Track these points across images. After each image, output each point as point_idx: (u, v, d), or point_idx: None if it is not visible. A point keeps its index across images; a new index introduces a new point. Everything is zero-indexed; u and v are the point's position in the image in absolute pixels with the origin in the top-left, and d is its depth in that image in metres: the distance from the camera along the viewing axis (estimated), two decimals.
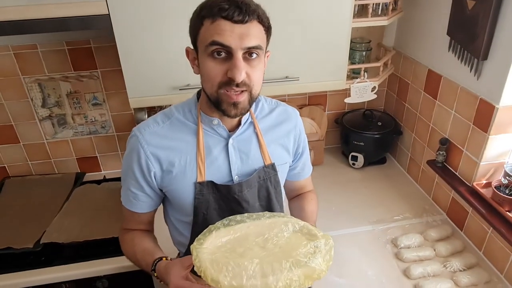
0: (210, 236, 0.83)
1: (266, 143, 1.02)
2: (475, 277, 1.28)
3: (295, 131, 1.09)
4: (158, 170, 0.95)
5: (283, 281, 0.77)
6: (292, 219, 0.91)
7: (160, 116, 0.99)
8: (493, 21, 1.20)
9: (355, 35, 1.77)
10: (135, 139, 0.95)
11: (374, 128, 1.85)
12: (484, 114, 1.30)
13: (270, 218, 0.90)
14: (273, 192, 1.05)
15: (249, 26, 0.81)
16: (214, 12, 0.79)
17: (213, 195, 0.97)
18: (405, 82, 1.80)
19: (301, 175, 1.19)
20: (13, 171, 1.86)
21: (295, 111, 1.11)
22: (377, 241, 1.47)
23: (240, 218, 0.88)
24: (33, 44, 1.59)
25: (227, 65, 0.83)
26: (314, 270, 0.80)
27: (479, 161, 1.35)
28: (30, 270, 1.38)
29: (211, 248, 0.81)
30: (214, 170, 0.97)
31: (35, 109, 1.72)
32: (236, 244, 0.83)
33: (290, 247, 0.83)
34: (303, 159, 1.16)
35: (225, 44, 0.80)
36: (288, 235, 0.87)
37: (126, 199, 1.02)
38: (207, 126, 0.97)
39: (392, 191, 1.76)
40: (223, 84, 0.84)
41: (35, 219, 1.58)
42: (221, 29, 0.79)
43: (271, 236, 0.85)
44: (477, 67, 1.30)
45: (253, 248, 0.82)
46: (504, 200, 1.27)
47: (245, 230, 0.86)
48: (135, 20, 1.27)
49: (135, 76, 1.37)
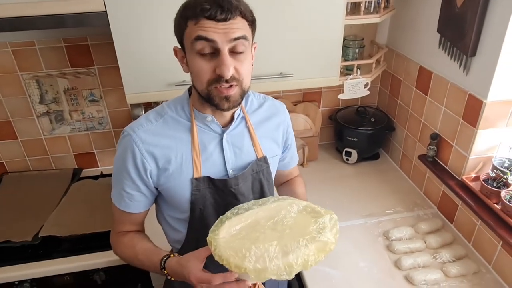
0: (223, 226, 0.85)
1: (258, 137, 1.05)
2: (464, 268, 1.31)
3: (284, 124, 1.12)
4: (154, 169, 0.96)
5: (301, 258, 0.81)
6: (295, 200, 0.95)
7: (152, 114, 0.99)
8: (480, 18, 1.23)
9: (348, 32, 1.80)
10: (129, 139, 0.95)
11: (367, 124, 1.88)
12: (472, 109, 1.33)
13: (275, 202, 0.93)
14: (266, 184, 1.08)
15: (232, 22, 0.82)
16: (197, 13, 0.81)
17: (209, 190, 0.99)
18: (397, 79, 1.83)
19: (289, 164, 1.25)
20: (11, 167, 1.88)
21: (283, 105, 1.15)
22: (369, 234, 1.50)
23: (247, 206, 0.91)
24: (31, 41, 1.61)
25: (214, 62, 0.84)
26: (326, 243, 0.85)
27: (468, 155, 1.38)
28: (28, 263, 1.40)
29: (227, 237, 0.84)
30: (209, 165, 0.99)
31: (32, 105, 1.74)
32: (249, 230, 0.86)
33: (299, 226, 0.88)
34: (291, 150, 1.22)
35: (210, 38, 0.81)
36: (295, 215, 0.91)
37: (120, 201, 1.00)
38: (201, 122, 0.98)
39: (384, 185, 1.79)
40: (213, 81, 0.86)
41: (33, 213, 1.61)
42: (206, 28, 0.81)
43: (280, 218, 0.89)
44: (466, 64, 1.34)
45: (266, 231, 0.86)
46: (492, 193, 1.30)
47: (254, 216, 0.89)
48: (132, 17, 1.30)
49: (132, 73, 1.39)
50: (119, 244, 1.06)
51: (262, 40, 1.41)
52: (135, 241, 1.03)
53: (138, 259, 1.00)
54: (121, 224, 1.06)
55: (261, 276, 0.80)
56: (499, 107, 1.28)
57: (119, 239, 1.06)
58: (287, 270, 0.80)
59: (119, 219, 1.05)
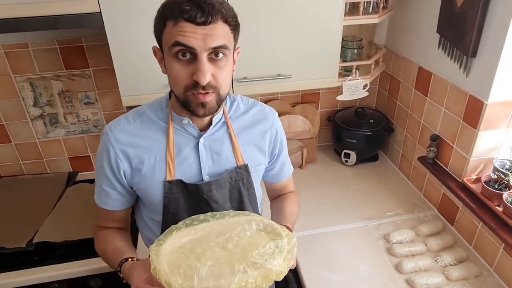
0: (170, 236, 0.82)
1: (240, 144, 1.01)
2: (466, 271, 1.30)
3: (271, 131, 1.07)
4: (127, 168, 0.95)
5: (236, 284, 0.75)
6: (257, 218, 0.90)
7: (132, 114, 0.98)
8: (481, 18, 1.22)
9: (347, 33, 1.78)
10: (106, 137, 0.95)
11: (366, 126, 1.86)
12: (473, 111, 1.32)
13: (234, 217, 0.89)
14: (246, 193, 1.04)
15: (213, 27, 0.79)
16: (176, 14, 0.78)
17: (182, 194, 0.97)
18: (396, 80, 1.82)
19: (280, 176, 1.18)
20: (4, 171, 1.85)
21: (273, 111, 1.10)
22: (369, 237, 1.49)
23: (203, 217, 0.88)
24: (24, 43, 1.58)
25: (192, 67, 0.82)
26: (272, 271, 0.78)
27: (469, 156, 1.37)
28: (22, 270, 1.37)
29: (169, 249, 0.80)
30: (184, 169, 0.96)
31: (26, 108, 1.71)
32: (195, 245, 0.82)
33: (252, 246, 0.82)
34: (281, 160, 1.14)
35: (188, 45, 0.79)
36: (251, 234, 0.85)
37: (99, 197, 1.02)
38: (178, 125, 0.96)
39: (384, 187, 1.78)
40: (190, 87, 0.84)
41: (27, 218, 1.58)
42: (184, 31, 0.78)
43: (232, 235, 0.84)
44: (466, 64, 1.32)
45: (213, 248, 0.81)
46: (493, 195, 1.29)
47: (207, 230, 0.85)
48: (127, 18, 1.27)
49: (127, 75, 1.37)
50: (96, 238, 1.07)
51: (260, 42, 1.40)
52: (108, 238, 1.03)
53: (107, 257, 1.01)
54: (102, 219, 1.07)
55: None
56: (500, 108, 1.27)
57: (97, 234, 1.07)
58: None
59: (100, 214, 1.06)
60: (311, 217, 1.59)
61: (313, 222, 1.56)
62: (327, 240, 1.48)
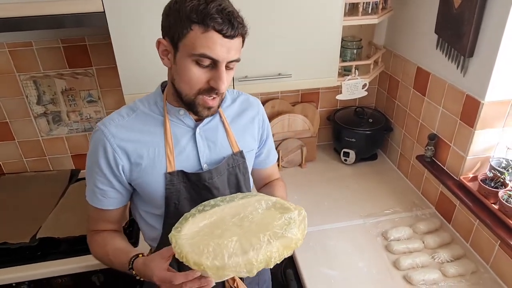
0: (187, 223, 0.84)
1: (233, 131, 1.05)
2: (462, 268, 1.32)
3: (258, 117, 1.12)
4: (126, 164, 0.95)
5: (263, 254, 0.80)
6: (265, 197, 0.94)
7: (125, 109, 0.99)
8: (478, 19, 1.24)
9: (347, 33, 1.80)
10: (100, 133, 0.94)
11: (365, 125, 1.88)
12: (470, 110, 1.34)
13: (243, 198, 0.92)
14: (242, 178, 1.08)
15: (235, 41, 0.84)
16: (207, 22, 0.80)
17: (183, 184, 0.99)
18: (395, 80, 1.84)
19: (266, 162, 1.22)
20: (8, 168, 1.87)
21: (256, 99, 1.15)
22: (368, 234, 1.51)
23: (214, 203, 0.90)
24: (28, 42, 1.60)
25: (210, 74, 0.86)
26: (291, 240, 0.84)
27: (466, 155, 1.39)
28: (26, 265, 1.39)
29: (189, 234, 0.82)
30: (183, 159, 0.99)
31: (30, 106, 1.74)
32: (213, 227, 0.85)
33: (266, 222, 0.86)
34: (268, 146, 1.20)
35: (214, 58, 0.83)
36: (262, 211, 0.90)
37: (93, 197, 1.00)
38: (173, 117, 0.98)
39: (382, 186, 1.80)
40: (204, 91, 0.88)
41: (30, 215, 1.60)
42: (213, 43, 0.82)
43: (246, 214, 0.88)
44: (464, 64, 1.34)
45: (230, 228, 0.85)
46: (489, 193, 1.31)
47: (220, 213, 0.88)
48: (130, 17, 1.29)
49: (130, 73, 1.39)
50: (92, 243, 1.06)
51: (260, 41, 1.42)
52: (106, 240, 1.03)
53: (109, 259, 1.00)
54: (96, 223, 1.06)
55: (220, 273, 0.78)
56: (496, 108, 1.29)
57: (93, 238, 1.06)
58: (247, 267, 0.79)
59: (94, 217, 1.05)
60: (310, 215, 1.58)
61: (313, 219, 1.58)
62: (326, 237, 1.50)
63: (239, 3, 0.90)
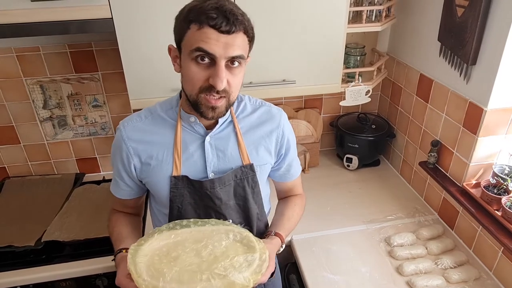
0: (151, 238, 0.88)
1: (246, 143, 1.03)
2: (465, 274, 1.32)
3: (278, 131, 1.08)
4: (137, 163, 1.01)
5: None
6: (236, 229, 0.94)
7: (144, 111, 1.04)
8: (481, 27, 1.25)
9: (350, 40, 1.82)
10: (119, 132, 1.01)
11: (368, 131, 1.89)
12: (473, 117, 1.35)
13: (214, 225, 0.93)
14: (250, 192, 1.06)
15: (234, 36, 0.83)
16: (202, 19, 0.81)
17: (187, 190, 1.01)
18: (398, 86, 1.85)
19: (286, 176, 1.18)
20: (13, 172, 1.88)
21: (280, 111, 1.11)
22: (370, 240, 1.51)
23: (186, 223, 0.93)
24: (36, 47, 1.62)
25: (209, 71, 0.86)
26: (235, 284, 0.81)
27: (469, 162, 1.39)
28: (31, 268, 1.40)
29: (147, 250, 0.86)
30: (189, 165, 1.01)
31: (36, 110, 1.75)
32: (171, 249, 0.87)
33: (224, 256, 0.86)
34: (288, 160, 1.15)
35: (210, 52, 0.83)
36: (226, 244, 0.89)
37: (112, 185, 1.11)
38: (186, 123, 1.00)
39: (385, 192, 1.81)
40: (204, 89, 0.88)
41: (35, 218, 1.61)
42: (207, 37, 0.82)
43: (207, 243, 0.88)
44: (466, 72, 1.36)
45: (187, 254, 0.86)
46: (492, 200, 1.32)
47: (185, 235, 0.90)
48: (137, 23, 1.31)
49: (136, 78, 1.40)
50: (109, 219, 1.15)
51: (265, 48, 1.44)
52: (117, 222, 1.11)
53: (112, 240, 1.08)
54: (116, 204, 1.16)
55: None
56: (499, 115, 1.30)
57: (110, 215, 1.16)
58: None
59: (113, 199, 1.14)
60: (313, 220, 1.62)
61: (316, 224, 1.59)
62: (329, 242, 1.50)
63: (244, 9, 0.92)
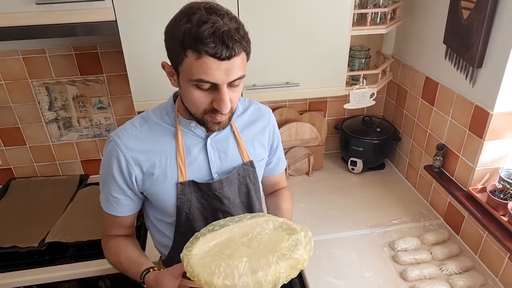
0: (197, 242, 0.87)
1: (243, 141, 1.06)
2: (471, 280, 1.30)
3: (269, 127, 1.12)
4: (139, 174, 0.97)
5: (272, 275, 0.82)
6: (272, 217, 0.96)
7: (138, 119, 1.00)
8: (487, 30, 1.24)
9: (355, 43, 1.81)
10: (113, 144, 0.95)
11: (373, 134, 1.88)
12: (479, 121, 1.33)
13: (251, 219, 0.94)
14: (253, 188, 1.08)
15: (234, 60, 0.81)
16: (200, 49, 0.78)
17: (195, 194, 1.00)
18: (403, 89, 1.83)
19: (275, 169, 1.23)
20: (19, 173, 1.90)
21: (268, 108, 1.15)
22: (374, 244, 1.50)
23: (224, 222, 0.92)
24: (42, 49, 1.64)
25: (212, 95, 0.85)
26: (298, 261, 0.86)
27: (475, 166, 1.38)
28: (34, 269, 1.41)
29: (200, 254, 0.85)
30: (194, 169, 1.00)
31: (42, 112, 1.77)
32: (223, 247, 0.87)
33: (273, 243, 0.88)
34: (278, 154, 1.20)
35: (212, 82, 0.82)
36: (270, 232, 0.91)
37: (107, 204, 1.03)
38: (185, 128, 0.99)
39: (390, 195, 1.79)
40: (209, 111, 0.88)
41: (40, 219, 1.62)
42: (208, 68, 0.80)
43: (254, 234, 0.90)
44: (472, 75, 1.34)
45: (239, 248, 0.86)
46: (499, 205, 1.30)
47: (229, 233, 0.90)
48: (141, 26, 1.32)
49: (140, 80, 1.41)
50: (106, 248, 1.08)
51: (269, 50, 1.44)
52: (120, 247, 1.05)
53: (122, 266, 1.03)
54: (110, 228, 1.08)
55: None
56: (505, 119, 1.28)
57: (107, 243, 1.08)
58: (256, 286, 0.80)
59: (108, 223, 1.08)
60: (317, 223, 1.61)
61: (319, 228, 1.58)
62: (333, 246, 1.49)
63: (247, 13, 0.92)
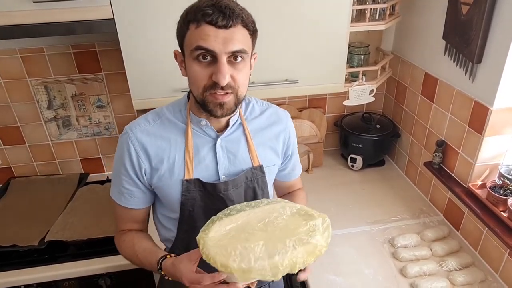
0: (214, 226, 0.85)
1: (255, 145, 1.04)
2: (471, 276, 1.30)
3: (285, 133, 1.10)
4: (148, 167, 0.98)
5: (289, 259, 0.81)
6: (289, 203, 0.95)
7: (151, 115, 1.02)
8: (486, 25, 1.23)
9: (354, 39, 1.81)
10: (126, 137, 0.98)
11: (372, 131, 1.88)
12: (478, 116, 1.33)
13: (268, 204, 0.93)
14: (260, 193, 1.07)
15: (233, 30, 0.83)
16: (198, 17, 0.82)
17: (199, 193, 1.00)
18: (403, 86, 1.83)
19: (291, 175, 1.21)
20: (18, 172, 1.90)
21: (286, 113, 1.13)
22: (374, 241, 1.49)
23: (240, 207, 0.91)
24: (40, 48, 1.63)
25: (212, 68, 0.85)
26: (316, 246, 0.84)
27: (474, 162, 1.37)
28: (34, 267, 1.41)
29: (216, 237, 0.84)
30: (201, 169, 1.00)
31: (40, 111, 1.77)
32: (239, 231, 0.86)
33: (290, 228, 0.87)
34: (293, 161, 1.18)
35: (209, 49, 0.82)
36: (287, 217, 0.90)
37: (120, 197, 1.03)
38: (196, 126, 0.99)
39: (390, 192, 1.79)
40: (209, 87, 0.87)
41: (39, 218, 1.62)
42: (205, 34, 0.82)
43: (271, 219, 0.88)
44: (472, 70, 1.33)
45: (255, 232, 0.85)
46: (498, 201, 1.30)
47: (246, 218, 0.89)
48: (139, 24, 1.31)
49: (139, 79, 1.41)
50: (120, 242, 1.08)
51: (268, 47, 1.43)
52: (135, 240, 1.05)
53: (138, 258, 1.02)
54: (123, 222, 1.09)
55: (246, 276, 0.79)
56: (505, 114, 1.27)
57: (121, 238, 1.08)
58: (273, 271, 0.80)
59: (120, 217, 1.08)
60: None
61: None
62: (332, 243, 1.46)
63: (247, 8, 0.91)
